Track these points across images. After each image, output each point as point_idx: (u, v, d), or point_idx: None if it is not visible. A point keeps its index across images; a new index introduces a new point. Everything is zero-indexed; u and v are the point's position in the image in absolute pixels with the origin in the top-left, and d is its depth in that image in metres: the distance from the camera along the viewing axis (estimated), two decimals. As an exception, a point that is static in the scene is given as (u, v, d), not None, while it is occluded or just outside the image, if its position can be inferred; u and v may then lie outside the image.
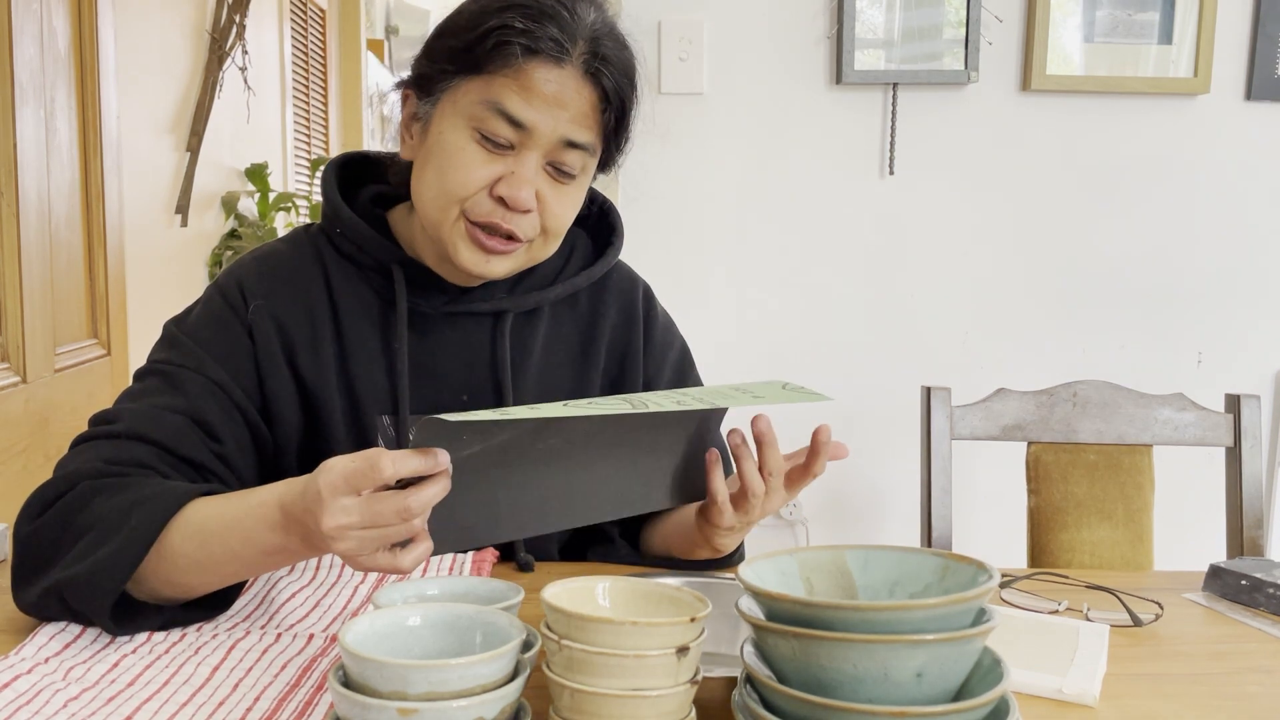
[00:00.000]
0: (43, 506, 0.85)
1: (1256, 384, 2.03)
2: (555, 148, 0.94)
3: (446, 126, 0.94)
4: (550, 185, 0.95)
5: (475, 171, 0.93)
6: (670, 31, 1.90)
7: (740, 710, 0.63)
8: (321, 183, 1.06)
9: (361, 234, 1.01)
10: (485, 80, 0.92)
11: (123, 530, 0.79)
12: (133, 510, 0.81)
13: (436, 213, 0.95)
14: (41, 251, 2.16)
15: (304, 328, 0.99)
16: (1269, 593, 0.99)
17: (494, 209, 0.94)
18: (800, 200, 1.95)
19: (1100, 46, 1.92)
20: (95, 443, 0.89)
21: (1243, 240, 2.00)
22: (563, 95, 0.92)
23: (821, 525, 2.03)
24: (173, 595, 0.84)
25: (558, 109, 0.92)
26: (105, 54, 2.43)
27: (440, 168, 0.94)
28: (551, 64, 0.91)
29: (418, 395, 1.01)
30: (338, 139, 5.58)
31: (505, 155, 0.93)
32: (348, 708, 0.56)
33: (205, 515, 0.81)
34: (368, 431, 1.00)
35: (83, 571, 0.79)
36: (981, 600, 0.59)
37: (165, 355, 0.97)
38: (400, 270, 1.01)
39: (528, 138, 0.93)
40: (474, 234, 0.94)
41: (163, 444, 0.89)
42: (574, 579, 0.69)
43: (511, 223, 0.94)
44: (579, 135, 0.94)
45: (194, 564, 0.81)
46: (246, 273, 1.02)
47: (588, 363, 1.09)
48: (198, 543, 0.80)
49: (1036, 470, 1.52)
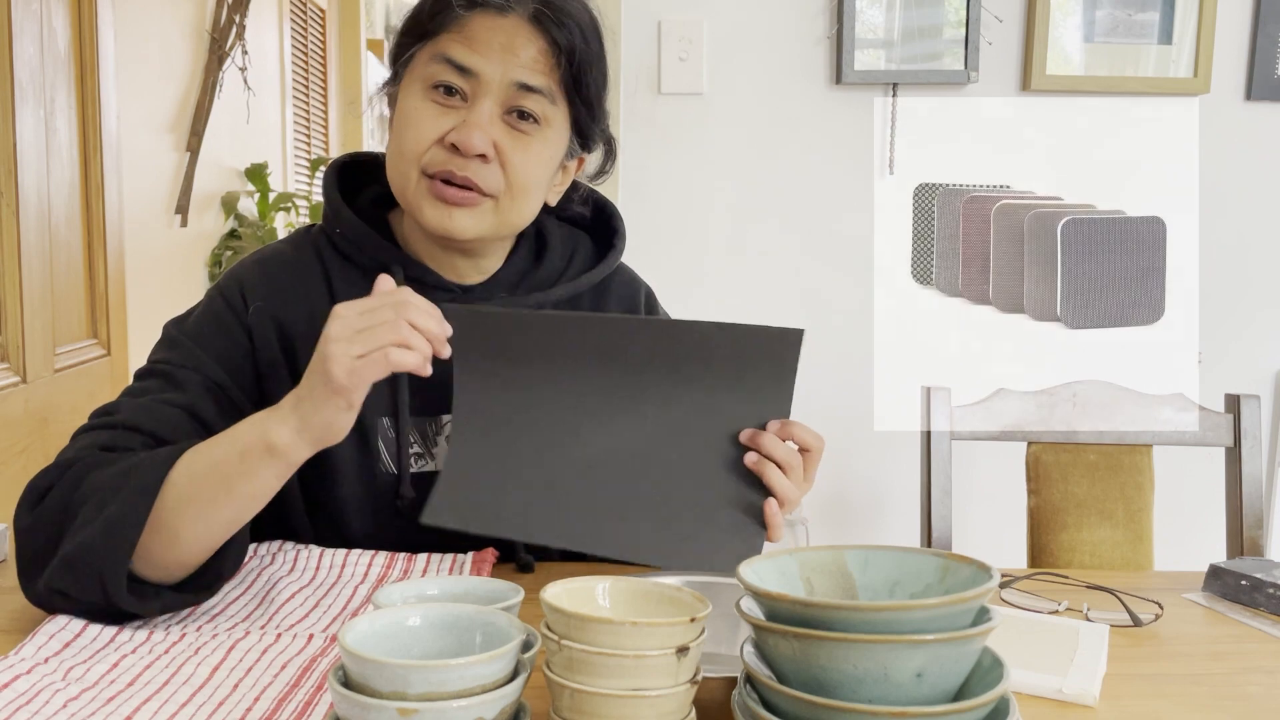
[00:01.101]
0: (39, 496, 0.85)
1: (1256, 384, 2.03)
2: (509, 93, 0.95)
3: (406, 95, 0.97)
4: (510, 135, 0.96)
5: (427, 125, 0.95)
6: (670, 31, 1.90)
7: (740, 710, 0.62)
8: (323, 184, 1.07)
9: (361, 234, 1.02)
10: (434, 42, 0.95)
11: (122, 491, 0.80)
12: (130, 473, 0.81)
13: (400, 178, 0.97)
14: (41, 251, 2.16)
15: (305, 329, 0.99)
16: (1269, 593, 0.99)
17: (448, 158, 0.95)
18: (800, 200, 1.95)
19: (1100, 46, 1.92)
20: (93, 433, 0.90)
21: (1243, 240, 2.00)
22: (511, 43, 0.93)
23: (821, 525, 2.03)
24: (173, 559, 0.83)
25: (506, 54, 0.93)
26: (105, 54, 2.43)
27: (399, 132, 0.97)
28: (494, 14, 0.93)
29: (418, 398, 1.01)
30: (338, 139, 5.58)
31: (458, 107, 0.95)
32: (348, 708, 0.56)
33: (196, 452, 0.83)
34: (368, 433, 1.00)
35: (93, 536, 0.79)
36: (981, 600, 0.59)
37: (165, 355, 0.97)
38: (400, 270, 1.01)
39: (477, 85, 0.94)
40: (434, 189, 0.96)
41: (158, 435, 0.89)
42: (574, 579, 0.69)
43: (467, 170, 0.95)
44: (531, 79, 0.94)
45: (188, 501, 0.81)
46: (247, 274, 1.02)
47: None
48: (189, 478, 0.82)
49: (1036, 470, 1.52)
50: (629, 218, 1.17)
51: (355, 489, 1.00)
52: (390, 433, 1.01)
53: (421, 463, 1.02)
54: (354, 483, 1.00)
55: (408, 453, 1.00)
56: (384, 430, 1.00)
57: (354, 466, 1.00)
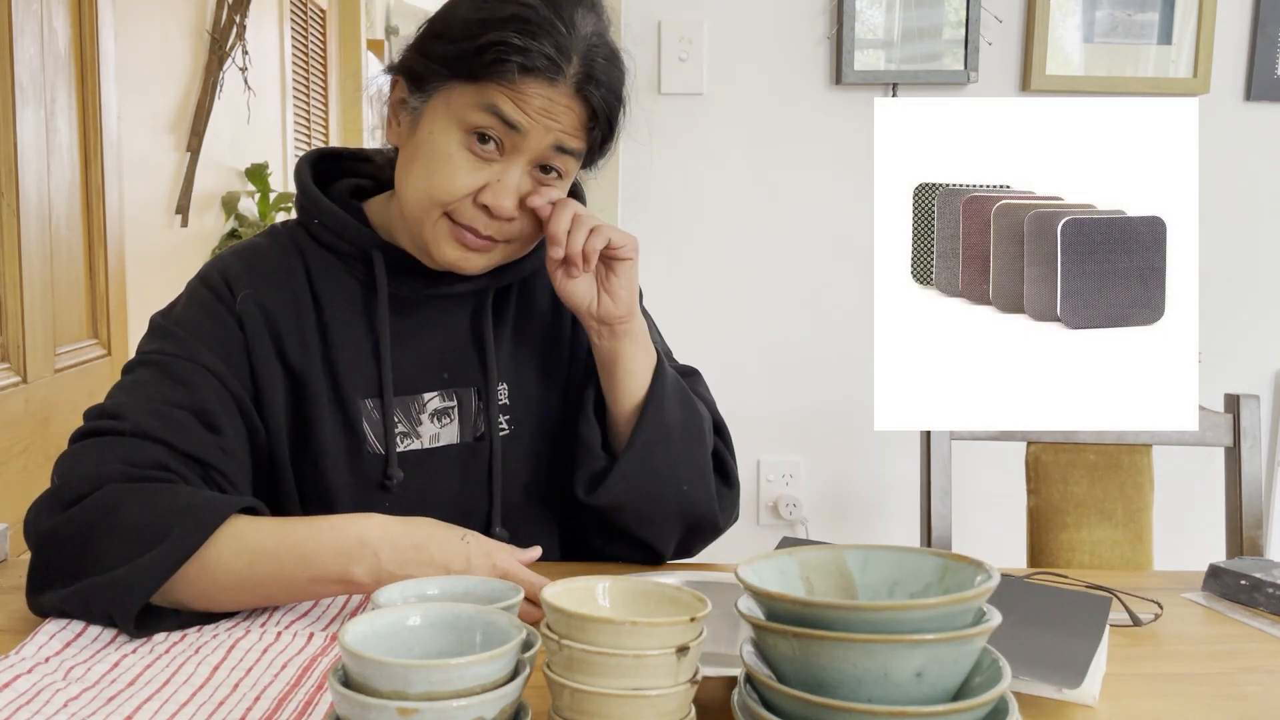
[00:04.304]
0: (63, 505, 0.84)
1: (1256, 384, 2.03)
2: (544, 154, 0.95)
3: (437, 128, 0.95)
4: (532, 185, 0.97)
5: (461, 179, 0.94)
6: (670, 31, 1.90)
7: (740, 710, 0.63)
8: (295, 176, 1.07)
9: (341, 222, 1.02)
10: (479, 87, 0.93)
11: (164, 541, 0.80)
12: (174, 520, 0.82)
13: (419, 211, 0.97)
14: (41, 251, 2.16)
15: (289, 316, 1.00)
16: (1269, 593, 0.99)
17: (476, 215, 0.95)
18: (800, 200, 1.95)
19: (1100, 47, 1.92)
20: (103, 440, 0.88)
21: (1243, 240, 2.00)
22: (554, 110, 0.93)
23: (821, 525, 2.03)
24: (197, 608, 0.85)
25: (549, 119, 0.93)
26: (105, 54, 2.43)
27: (428, 169, 0.95)
28: (545, 83, 0.92)
29: (400, 377, 1.02)
30: (338, 139, 5.58)
31: (492, 163, 0.94)
32: (348, 707, 0.57)
33: (260, 534, 0.84)
34: (352, 415, 1.00)
35: (116, 577, 0.80)
36: (981, 600, 0.59)
37: (158, 346, 0.96)
38: (380, 255, 1.02)
39: (518, 142, 0.93)
40: (456, 233, 0.96)
41: (172, 443, 0.89)
42: (574, 579, 0.69)
43: (491, 229, 0.96)
44: (569, 144, 0.96)
45: (237, 581, 0.83)
46: (229, 265, 1.02)
47: (558, 323, 1.11)
48: (246, 560, 0.83)
49: (1036, 470, 1.52)
50: (629, 218, 1.17)
51: (343, 473, 1.00)
52: (375, 414, 1.01)
53: (408, 441, 1.03)
54: (342, 467, 1.00)
55: (394, 433, 1.01)
56: (368, 411, 1.01)
57: (341, 450, 1.00)
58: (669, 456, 1.01)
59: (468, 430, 1.05)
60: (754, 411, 1.96)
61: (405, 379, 1.03)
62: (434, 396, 1.04)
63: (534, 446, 1.07)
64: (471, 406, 1.05)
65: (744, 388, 1.96)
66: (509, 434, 1.06)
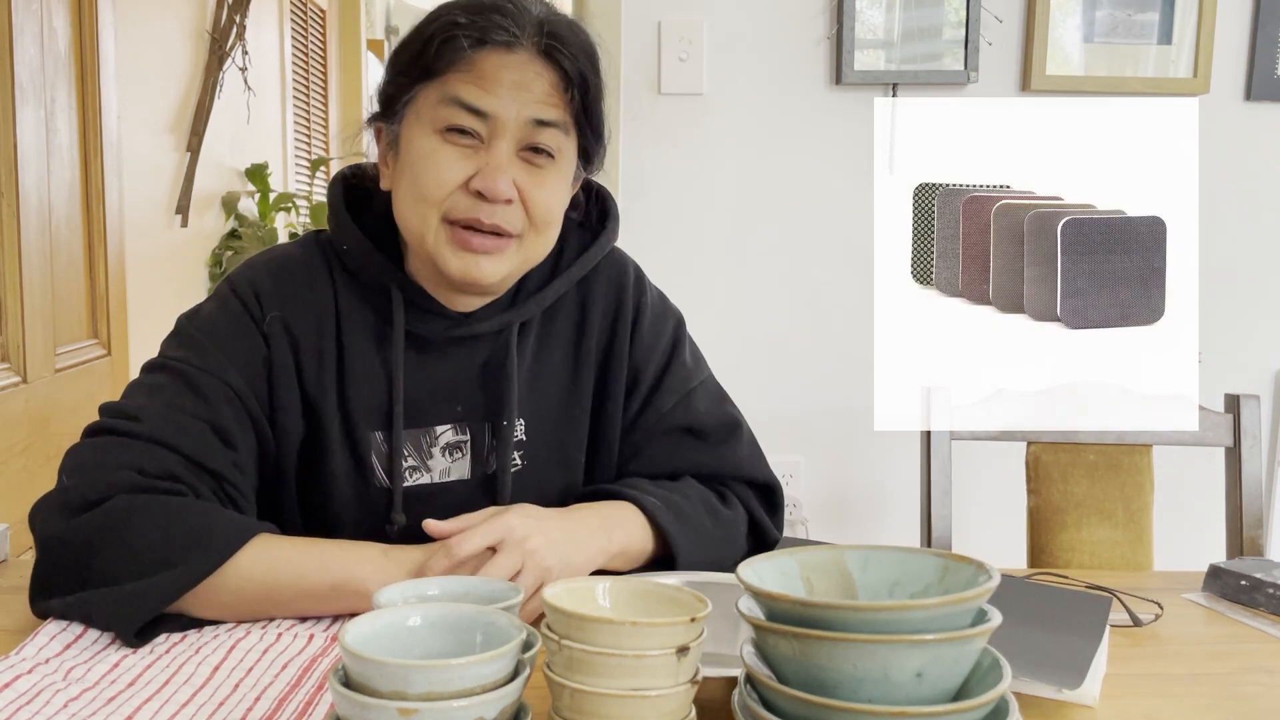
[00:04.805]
0: (71, 511, 0.84)
1: (1256, 384, 2.03)
2: (525, 130, 0.93)
3: (414, 136, 0.94)
4: (527, 172, 0.94)
5: (447, 170, 0.92)
6: (670, 31, 1.90)
7: (740, 710, 0.63)
8: (328, 197, 1.04)
9: (365, 254, 1.00)
10: (440, 81, 0.92)
11: (173, 566, 0.81)
12: (185, 543, 0.82)
13: (418, 223, 0.95)
14: (41, 251, 2.16)
15: (311, 341, 0.98)
16: (1269, 593, 0.99)
17: (473, 204, 0.93)
18: (800, 200, 1.95)
19: (1100, 47, 1.92)
20: (118, 440, 0.88)
21: (1243, 240, 2.00)
22: (522, 79, 0.92)
23: (821, 525, 2.03)
24: (208, 615, 0.85)
25: (519, 91, 0.92)
26: (105, 54, 2.43)
27: (414, 176, 0.94)
28: (503, 50, 0.91)
29: (413, 408, 1.00)
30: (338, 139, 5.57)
31: (476, 150, 0.93)
32: (348, 708, 0.57)
33: (280, 551, 0.86)
34: (361, 448, 0.99)
35: (121, 594, 0.80)
36: (981, 600, 0.59)
37: (184, 354, 0.95)
38: (400, 295, 0.99)
39: (494, 126, 0.92)
40: (458, 237, 0.94)
41: (187, 454, 0.88)
42: (574, 579, 0.69)
43: (494, 216, 0.93)
44: (546, 114, 0.93)
45: (256, 597, 0.84)
46: (260, 278, 0.99)
47: (580, 355, 1.07)
48: (266, 567, 0.84)
49: (1036, 470, 1.52)
50: (629, 218, 1.17)
51: (350, 506, 0.99)
52: (384, 446, 0.99)
53: (416, 475, 1.00)
54: (348, 498, 0.99)
55: (401, 466, 0.99)
56: (377, 444, 0.99)
57: (348, 480, 0.99)
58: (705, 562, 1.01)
59: (479, 466, 1.02)
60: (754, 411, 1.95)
61: (418, 411, 1.00)
62: (447, 430, 1.01)
63: (546, 480, 1.04)
64: (485, 442, 1.02)
65: (744, 388, 1.95)
66: (520, 469, 1.03)
